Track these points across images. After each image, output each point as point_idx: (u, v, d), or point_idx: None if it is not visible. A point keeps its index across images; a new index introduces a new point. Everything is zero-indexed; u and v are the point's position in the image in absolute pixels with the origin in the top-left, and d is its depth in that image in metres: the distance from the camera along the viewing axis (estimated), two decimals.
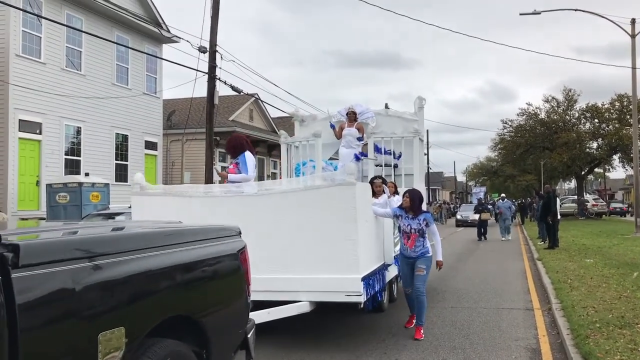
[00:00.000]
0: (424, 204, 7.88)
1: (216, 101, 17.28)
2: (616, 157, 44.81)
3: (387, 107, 10.93)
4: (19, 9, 15.16)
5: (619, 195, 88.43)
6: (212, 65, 16.62)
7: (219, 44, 16.66)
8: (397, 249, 7.76)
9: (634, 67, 21.52)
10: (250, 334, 3.90)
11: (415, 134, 9.88)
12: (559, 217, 17.81)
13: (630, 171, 48.52)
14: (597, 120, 42.83)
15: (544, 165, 47.82)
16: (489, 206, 34.73)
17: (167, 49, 23.38)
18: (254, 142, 28.46)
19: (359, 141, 10.01)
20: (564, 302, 8.25)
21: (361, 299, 5.99)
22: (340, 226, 6.03)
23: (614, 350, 5.64)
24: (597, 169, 54.69)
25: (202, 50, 16.75)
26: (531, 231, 26.62)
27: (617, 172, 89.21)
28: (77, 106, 18.27)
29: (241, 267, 3.80)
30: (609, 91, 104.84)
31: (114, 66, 20.19)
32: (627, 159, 42.05)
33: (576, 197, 47.47)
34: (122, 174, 20.21)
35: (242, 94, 20.77)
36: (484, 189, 61.01)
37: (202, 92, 18.65)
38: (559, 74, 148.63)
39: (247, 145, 7.49)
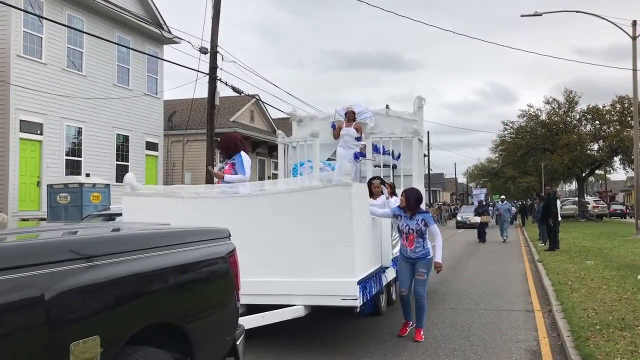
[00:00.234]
0: (422, 205, 7.73)
1: (217, 102, 17.29)
2: (617, 159, 44.74)
3: (387, 108, 10.80)
4: (20, 10, 15.19)
5: (620, 197, 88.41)
6: (213, 66, 16.63)
7: (219, 44, 16.68)
8: (395, 251, 7.67)
9: (634, 69, 21.51)
10: (239, 340, 3.75)
11: (414, 134, 9.81)
12: (560, 218, 17.80)
13: (631, 173, 48.51)
14: (598, 122, 42.78)
15: (545, 166, 47.80)
16: (490, 208, 34.70)
17: (168, 50, 23.43)
18: (255, 143, 28.55)
19: (357, 141, 9.92)
20: (564, 304, 8.25)
21: (357, 303, 5.86)
22: (335, 228, 5.90)
23: (614, 352, 5.64)
24: (598, 171, 54.70)
25: (203, 51, 16.77)
26: (532, 233, 26.60)
27: (618, 174, 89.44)
28: (78, 107, 18.29)
29: (230, 271, 3.65)
30: (609, 93, 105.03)
31: (115, 67, 20.21)
32: (627, 161, 42.01)
33: (577, 199, 47.43)
34: (122, 175, 19.96)
35: (243, 94, 20.77)
36: (485, 190, 60.94)
37: (202, 93, 18.67)
38: (559, 76, 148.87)
39: (241, 145, 7.32)
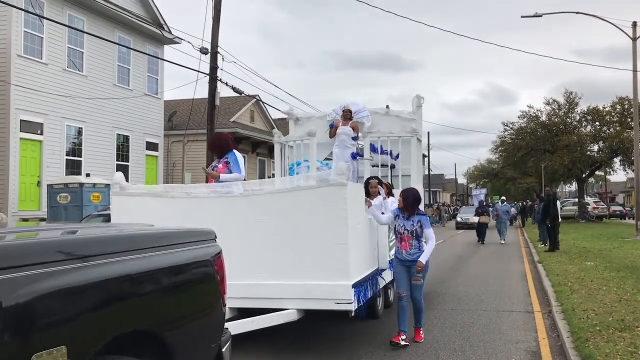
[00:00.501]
0: (421, 205, 7.59)
1: (217, 102, 17.29)
2: (617, 160, 44.77)
3: (387, 108, 10.71)
4: (21, 10, 15.20)
5: (620, 198, 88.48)
6: (214, 66, 16.63)
7: (220, 45, 16.69)
8: (392, 253, 7.47)
9: (635, 70, 21.52)
10: (225, 347, 3.59)
11: (413, 134, 9.66)
12: (560, 219, 17.80)
13: (631, 174, 48.53)
14: (598, 123, 42.78)
15: (545, 167, 47.81)
16: (489, 208, 34.68)
17: (168, 50, 23.44)
18: (255, 143, 28.53)
19: (354, 140, 9.77)
20: (564, 305, 8.25)
21: (351, 307, 5.70)
22: (329, 229, 5.72)
23: (614, 353, 5.64)
24: (598, 172, 54.68)
25: (203, 51, 16.77)
26: (532, 234, 26.61)
27: (618, 175, 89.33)
28: (79, 107, 18.30)
29: (216, 275, 3.49)
30: (609, 94, 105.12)
31: (116, 67, 20.22)
32: (628, 162, 42.02)
33: (577, 200, 47.43)
34: (123, 175, 20.18)
35: (243, 95, 20.78)
36: (485, 191, 60.89)
37: (203, 93, 18.68)
38: (559, 77, 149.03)
39: (232, 143, 7.20)
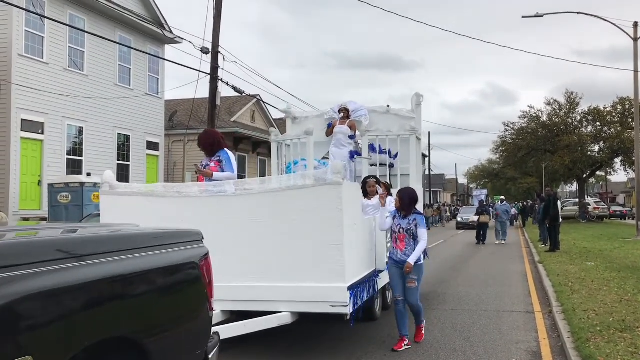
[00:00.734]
0: (420, 205, 7.53)
1: (218, 102, 17.28)
2: (618, 161, 44.78)
3: (388, 107, 10.65)
4: (22, 9, 15.21)
5: (621, 198, 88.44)
6: (215, 66, 16.63)
7: (221, 45, 16.70)
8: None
9: (636, 70, 21.50)
10: (212, 353, 3.46)
11: (412, 132, 9.52)
12: (560, 220, 17.80)
13: (631, 174, 48.45)
14: (599, 123, 42.79)
15: (546, 168, 47.78)
16: (490, 208, 34.63)
17: (169, 50, 23.50)
18: (256, 143, 28.53)
19: (351, 139, 9.65)
20: (564, 305, 8.25)
21: (347, 310, 5.55)
22: (324, 230, 5.56)
23: (614, 353, 5.64)
24: (598, 172, 54.61)
25: (204, 51, 16.77)
26: (532, 234, 26.59)
27: (619, 175, 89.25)
28: (80, 106, 18.31)
29: (202, 278, 3.34)
30: (610, 94, 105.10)
31: (117, 66, 20.23)
32: (628, 162, 42.02)
33: (577, 200, 47.41)
34: (124, 174, 20.22)
35: (244, 95, 20.78)
36: (486, 191, 60.89)
37: (204, 93, 18.69)
38: (560, 77, 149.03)
39: (223, 141, 6.96)
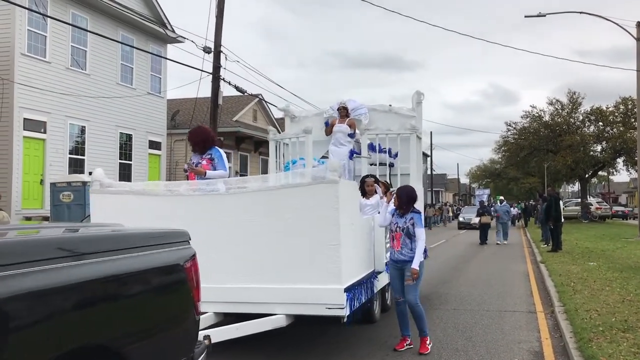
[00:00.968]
0: (420, 204, 7.41)
1: (220, 101, 17.29)
2: (620, 161, 44.77)
3: (390, 106, 10.53)
4: (25, 8, 15.22)
5: (623, 198, 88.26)
6: (217, 65, 16.64)
7: (223, 44, 16.70)
8: (389, 255, 7.16)
9: (639, 70, 21.46)
10: (199, 359, 3.30)
11: (412, 131, 9.39)
12: (563, 220, 17.78)
13: (634, 174, 48.49)
14: (601, 123, 42.76)
15: (548, 168, 47.74)
16: (491, 209, 34.51)
17: (171, 49, 23.45)
18: (258, 142, 28.54)
19: (350, 138, 9.50)
20: (567, 305, 8.24)
21: (343, 312, 5.39)
22: (320, 229, 5.40)
23: (616, 353, 5.63)
24: (601, 172, 54.58)
25: (206, 50, 16.78)
26: (534, 234, 26.57)
27: (621, 175, 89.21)
28: (82, 105, 18.33)
29: (188, 281, 3.19)
30: (612, 94, 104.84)
31: (119, 66, 20.24)
32: (631, 162, 42.00)
33: (580, 200, 47.35)
34: (126, 173, 20.25)
35: (246, 94, 20.79)
36: (488, 191, 60.82)
37: (206, 92, 18.69)
38: (561, 77, 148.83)
39: (216, 139, 6.83)
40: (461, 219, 38.63)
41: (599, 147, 44.11)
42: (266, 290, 5.57)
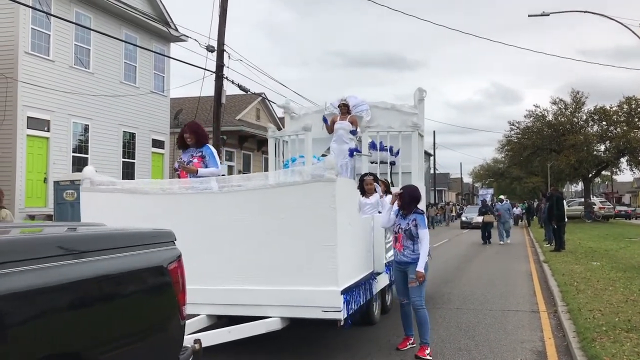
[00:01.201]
0: (422, 204, 7.26)
1: (223, 100, 17.30)
2: (624, 160, 44.66)
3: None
4: (29, 7, 15.26)
5: (626, 198, 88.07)
6: (220, 64, 16.64)
7: (226, 43, 16.70)
8: (389, 255, 7.14)
9: None
10: None
11: (414, 128, 9.24)
12: (566, 219, 17.75)
13: (637, 174, 48.42)
14: (604, 122, 42.65)
15: (551, 167, 47.66)
16: (492, 208, 34.40)
17: (175, 48, 23.51)
18: (261, 141, 28.55)
19: (353, 135, 9.32)
20: (570, 305, 8.23)
21: (340, 315, 5.20)
22: (316, 229, 5.21)
23: (620, 353, 5.62)
24: (604, 172, 54.52)
25: (210, 49, 16.79)
26: (537, 233, 26.52)
27: (625, 175, 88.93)
28: (85, 104, 18.36)
29: (172, 284, 3.02)
30: (615, 94, 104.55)
31: (122, 64, 20.27)
32: (634, 162, 41.94)
33: (583, 200, 47.26)
34: (129, 172, 20.28)
35: (249, 93, 20.79)
36: (491, 190, 60.68)
37: (209, 91, 18.70)
38: (564, 77, 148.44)
39: (207, 136, 6.62)
40: (464, 219, 38.58)
41: (603, 147, 44.07)
42: (260, 292, 5.40)
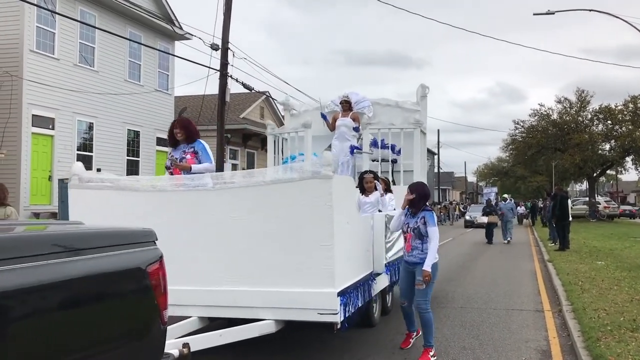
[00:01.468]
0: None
1: (227, 98, 17.32)
2: (629, 159, 44.49)
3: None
4: (34, 5, 15.29)
5: (632, 197, 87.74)
6: (224, 62, 16.66)
7: (230, 41, 16.72)
8: (389, 255, 6.96)
9: None
10: None
11: (416, 125, 9.05)
12: (570, 218, 17.69)
13: None
14: (610, 121, 42.49)
15: (556, 166, 47.51)
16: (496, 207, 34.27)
17: (179, 46, 23.49)
18: (265, 139, 28.51)
19: (355, 131, 9.12)
20: (574, 304, 8.20)
21: (337, 318, 5.00)
22: (312, 229, 5.02)
23: (625, 353, 5.60)
24: (609, 171, 54.31)
25: (214, 47, 16.81)
26: (542, 233, 26.47)
27: (630, 174, 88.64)
28: (90, 102, 18.40)
29: (151, 287, 2.85)
30: (620, 93, 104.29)
31: (127, 63, 20.30)
32: (639, 161, 41.74)
33: (588, 199, 47.12)
34: (133, 170, 20.31)
35: (253, 91, 20.80)
36: (495, 189, 60.56)
37: (213, 89, 18.72)
38: (569, 75, 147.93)
39: (198, 132, 6.45)
40: (467, 218, 38.51)
41: (608, 146, 43.90)
42: (254, 293, 5.20)
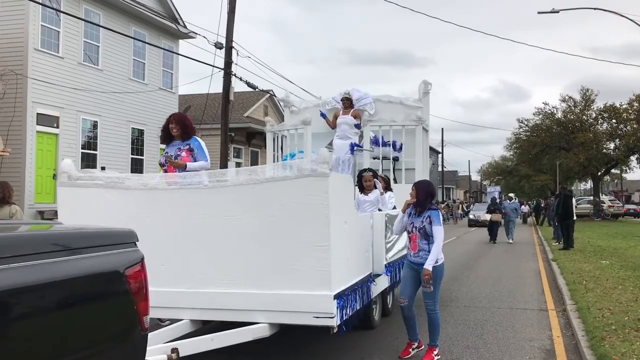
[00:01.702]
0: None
1: (232, 97, 17.33)
2: (634, 158, 44.37)
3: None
4: (39, 3, 15.32)
5: (636, 196, 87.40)
6: (228, 61, 16.67)
7: (234, 40, 16.73)
8: (389, 256, 6.85)
9: None
10: None
11: (418, 123, 8.92)
12: (575, 217, 17.65)
13: None
14: (614, 120, 42.38)
15: (560, 165, 47.41)
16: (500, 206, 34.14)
17: (183, 45, 23.54)
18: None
19: (357, 128, 8.99)
20: (579, 304, 8.19)
21: (333, 322, 4.85)
22: (308, 229, 4.87)
23: (629, 352, 5.59)
24: (613, 170, 54.16)
25: (218, 46, 16.82)
26: (546, 232, 26.41)
27: (635, 173, 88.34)
28: (94, 100, 18.44)
29: (129, 292, 2.69)
30: (625, 91, 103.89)
31: (131, 61, 20.33)
32: None
33: (592, 198, 46.99)
34: (137, 168, 20.35)
35: (257, 90, 20.81)
36: (499, 188, 60.49)
37: (217, 88, 18.74)
38: (573, 74, 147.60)
39: (195, 129, 6.40)
40: (471, 216, 38.49)
41: (612, 145, 43.80)
42: (247, 295, 5.02)
